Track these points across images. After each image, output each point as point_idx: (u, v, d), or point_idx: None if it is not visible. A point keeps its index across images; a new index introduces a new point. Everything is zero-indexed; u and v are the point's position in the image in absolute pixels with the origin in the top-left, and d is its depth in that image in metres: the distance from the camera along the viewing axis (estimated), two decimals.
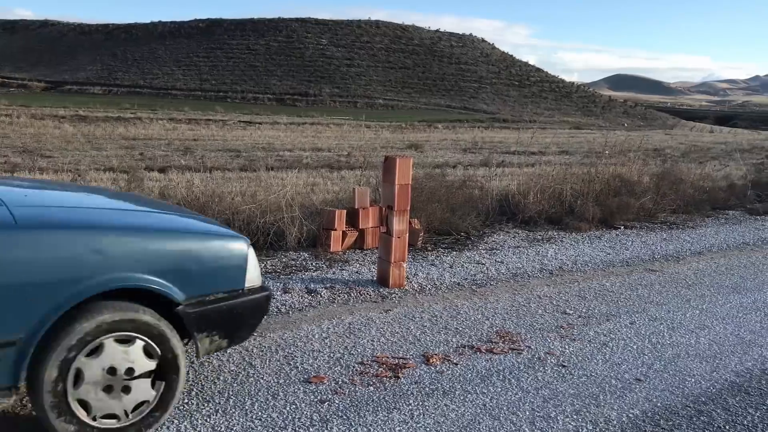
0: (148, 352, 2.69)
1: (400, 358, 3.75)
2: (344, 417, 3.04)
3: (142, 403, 2.69)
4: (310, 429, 2.92)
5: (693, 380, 3.73)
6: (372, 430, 2.95)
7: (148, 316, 2.67)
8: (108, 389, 2.60)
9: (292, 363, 3.58)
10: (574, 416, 3.20)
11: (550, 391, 3.46)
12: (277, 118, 40.38)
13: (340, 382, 3.39)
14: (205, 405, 3.06)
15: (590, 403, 3.35)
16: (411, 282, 5.31)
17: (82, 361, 2.54)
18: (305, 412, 3.06)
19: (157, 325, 2.69)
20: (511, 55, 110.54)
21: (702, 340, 4.37)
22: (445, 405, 3.23)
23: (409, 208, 5.23)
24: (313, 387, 3.32)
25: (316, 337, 3.99)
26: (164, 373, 2.73)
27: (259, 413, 3.03)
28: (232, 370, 3.43)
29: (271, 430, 2.89)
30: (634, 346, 4.19)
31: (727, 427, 3.21)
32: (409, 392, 3.33)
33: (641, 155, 12.32)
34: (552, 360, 3.88)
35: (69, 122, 25.90)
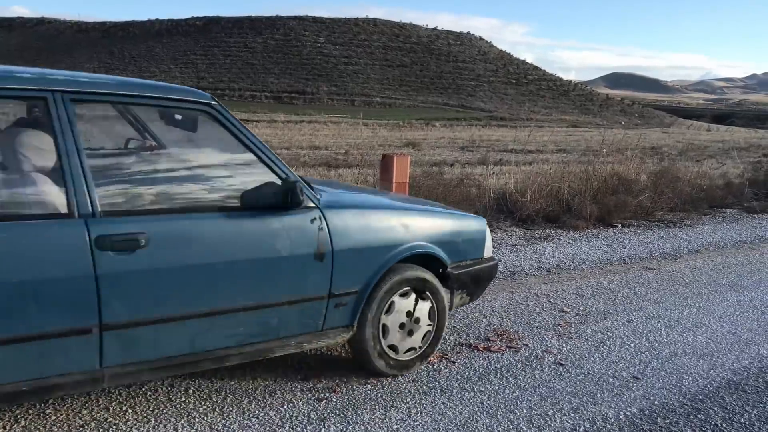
0: (424, 300, 3.51)
1: None
2: (342, 415, 3.03)
3: (425, 336, 3.54)
4: (308, 427, 2.91)
5: (690, 378, 3.73)
6: (370, 428, 2.95)
7: (428, 275, 3.52)
8: (406, 331, 3.46)
9: (289, 361, 3.58)
10: (572, 414, 3.21)
11: (547, 390, 3.46)
12: (274, 116, 40.38)
13: (337, 380, 3.38)
14: (202, 403, 3.06)
15: (588, 401, 3.35)
16: None
17: (387, 310, 3.38)
18: (303, 411, 3.05)
19: (433, 282, 3.54)
20: (509, 54, 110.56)
21: (699, 338, 4.38)
22: (443, 403, 3.23)
23: None
24: (311, 385, 3.31)
25: None
26: (437, 315, 3.58)
27: (257, 411, 3.02)
28: (229, 368, 3.42)
29: (268, 428, 2.89)
30: (632, 344, 4.20)
31: (724, 425, 3.22)
32: (406, 390, 3.33)
33: (639, 153, 12.35)
34: (549, 358, 3.89)
35: None
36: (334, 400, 3.18)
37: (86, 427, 2.79)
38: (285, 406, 3.08)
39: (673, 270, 6.17)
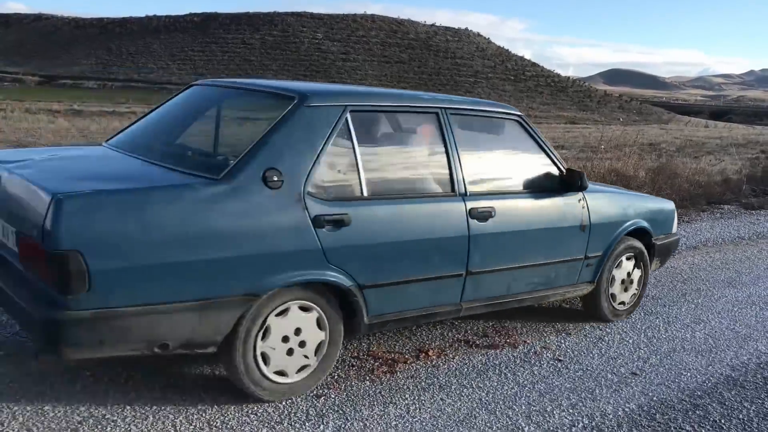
0: (636, 264, 4.51)
1: (396, 352, 3.74)
2: (340, 411, 3.03)
3: (635, 292, 4.58)
4: (307, 424, 2.91)
5: (689, 374, 3.74)
6: (368, 424, 2.94)
7: (640, 244, 4.49)
8: (624, 287, 4.49)
9: None
10: (570, 410, 3.21)
11: (546, 386, 3.46)
12: None
13: (335, 377, 3.38)
14: (201, 399, 3.05)
15: (586, 397, 3.35)
16: None
17: (614, 271, 4.40)
18: (301, 407, 3.05)
19: (644, 250, 4.52)
20: (507, 50, 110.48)
21: (698, 334, 4.39)
22: (441, 399, 3.22)
23: None
24: None
25: None
26: (643, 277, 4.61)
27: (255, 407, 3.02)
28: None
29: (267, 424, 2.89)
30: (630, 341, 4.20)
31: (722, 421, 3.22)
32: (405, 387, 3.33)
33: (637, 150, 12.33)
34: (548, 354, 3.89)
35: (63, 117, 25.75)
36: (332, 396, 3.17)
37: (84, 423, 2.78)
38: (284, 403, 3.08)
39: (671, 266, 6.16)
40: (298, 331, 3.01)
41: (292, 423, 2.91)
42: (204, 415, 2.92)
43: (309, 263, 2.93)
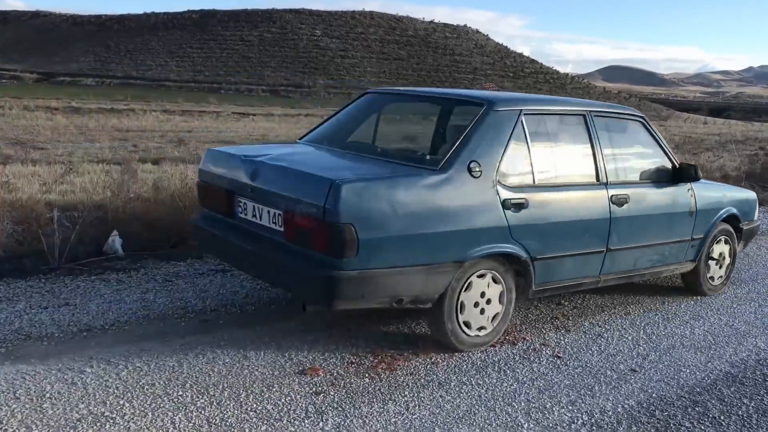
0: (727, 245, 5.22)
1: (396, 349, 3.74)
2: (340, 408, 3.03)
3: (726, 269, 5.26)
4: (306, 421, 2.91)
5: (688, 371, 3.74)
6: (368, 421, 2.94)
7: (731, 228, 5.18)
8: (718, 265, 5.16)
9: (286, 355, 3.57)
10: (570, 407, 3.21)
11: (545, 382, 3.46)
12: (271, 110, 40.21)
13: (335, 374, 3.38)
14: (200, 397, 3.05)
15: (585, 394, 3.35)
16: None
17: (711, 251, 5.08)
18: (301, 404, 3.05)
19: (734, 233, 5.22)
20: (506, 47, 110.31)
21: (697, 331, 4.39)
22: (441, 396, 3.22)
23: None
24: (308, 379, 3.31)
25: (311, 329, 3.97)
26: (733, 256, 5.30)
27: (254, 405, 3.02)
28: (227, 362, 3.42)
29: (266, 421, 2.88)
30: (629, 337, 4.20)
31: (722, 418, 3.22)
32: (404, 384, 3.33)
33: None
34: (547, 351, 3.89)
35: (61, 114, 25.63)
36: (332, 393, 3.17)
37: (83, 420, 2.78)
38: (283, 400, 3.07)
39: None
40: (483, 294, 3.67)
41: (292, 420, 2.91)
42: (203, 412, 2.92)
43: (499, 238, 3.62)
